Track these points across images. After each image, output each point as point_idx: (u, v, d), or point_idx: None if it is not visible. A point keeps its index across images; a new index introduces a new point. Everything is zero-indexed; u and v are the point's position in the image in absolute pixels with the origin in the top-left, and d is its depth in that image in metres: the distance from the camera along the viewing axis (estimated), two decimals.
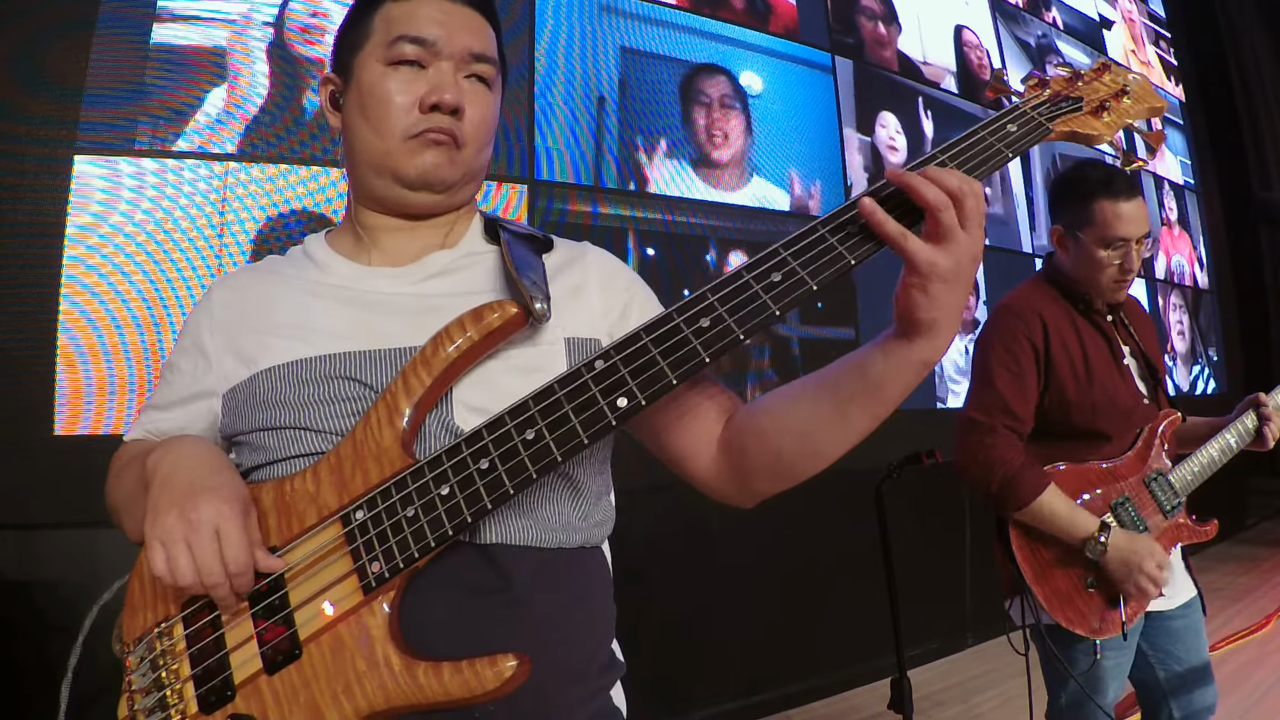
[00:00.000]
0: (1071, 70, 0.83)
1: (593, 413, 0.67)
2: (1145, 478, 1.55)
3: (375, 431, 0.71)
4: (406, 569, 0.67)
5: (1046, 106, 0.79)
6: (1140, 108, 0.83)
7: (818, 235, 0.68)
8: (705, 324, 0.67)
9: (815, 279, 0.67)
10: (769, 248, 0.70)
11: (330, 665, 0.65)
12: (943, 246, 0.64)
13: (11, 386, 1.97)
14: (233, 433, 0.79)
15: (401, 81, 0.79)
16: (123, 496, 0.79)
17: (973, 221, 0.64)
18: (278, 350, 0.77)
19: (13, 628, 1.90)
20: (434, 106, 0.78)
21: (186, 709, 0.66)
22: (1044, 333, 1.55)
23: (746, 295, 0.68)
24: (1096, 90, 0.82)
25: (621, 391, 0.67)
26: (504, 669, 0.63)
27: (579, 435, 0.66)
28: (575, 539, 0.76)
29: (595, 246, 0.91)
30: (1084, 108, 0.80)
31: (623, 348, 0.69)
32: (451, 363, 0.72)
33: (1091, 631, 1.48)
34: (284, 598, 0.67)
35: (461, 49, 0.80)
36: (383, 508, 0.68)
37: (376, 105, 0.80)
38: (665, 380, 0.67)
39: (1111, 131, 0.81)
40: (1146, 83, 0.85)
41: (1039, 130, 0.76)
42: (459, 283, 0.82)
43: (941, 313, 0.65)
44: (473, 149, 0.82)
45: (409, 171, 0.80)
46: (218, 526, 0.66)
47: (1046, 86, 0.81)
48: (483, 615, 0.70)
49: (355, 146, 0.84)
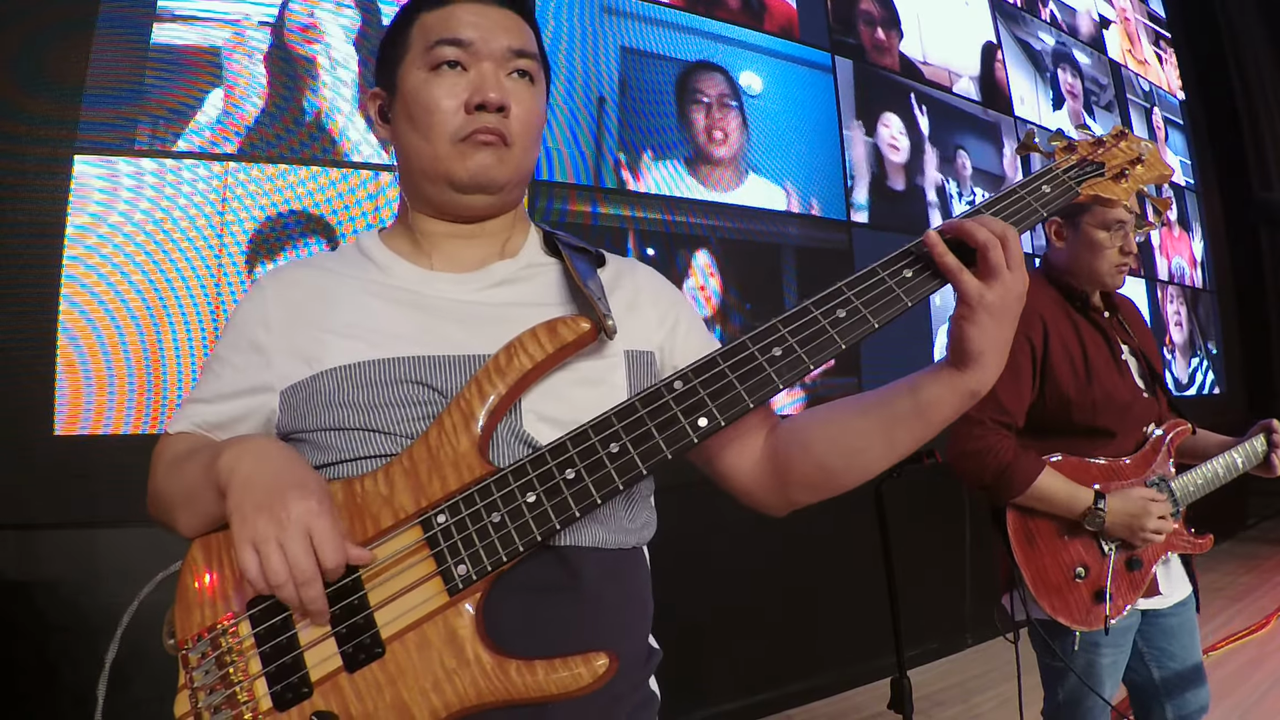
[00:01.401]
0: (1094, 136, 0.94)
1: (675, 430, 0.72)
2: (1147, 481, 1.56)
3: (451, 437, 0.73)
4: (494, 572, 0.69)
5: (1075, 170, 0.89)
6: (1151, 174, 0.94)
7: (877, 277, 0.76)
8: (778, 353, 0.74)
9: (876, 318, 0.74)
10: (832, 286, 0.76)
11: (417, 663, 0.67)
12: (990, 282, 0.71)
13: (11, 386, 1.97)
14: (293, 430, 0.79)
15: (445, 85, 0.80)
16: (180, 491, 0.78)
17: (1016, 261, 0.72)
18: (341, 350, 0.78)
19: (13, 628, 1.90)
20: (479, 106, 0.79)
21: (258, 705, 0.67)
22: (1043, 332, 1.56)
23: (815, 329, 0.74)
24: (1115, 156, 0.92)
25: (702, 412, 0.72)
26: (597, 666, 0.67)
27: (663, 450, 0.72)
28: (630, 540, 0.80)
29: (640, 262, 0.96)
30: (1105, 174, 0.90)
31: (701, 371, 0.74)
32: (525, 373, 0.74)
33: (1076, 623, 1.49)
34: (363, 598, 0.69)
35: (501, 48, 0.82)
36: (466, 513, 0.70)
37: (422, 111, 0.81)
38: (743, 404, 0.73)
39: (1128, 196, 0.91)
40: (1156, 151, 0.96)
41: (1070, 193, 0.86)
42: (524, 293, 0.84)
43: (989, 345, 0.72)
44: (521, 146, 0.83)
45: (460, 174, 0.81)
46: (309, 525, 0.66)
47: (1074, 151, 0.91)
48: (554, 614, 0.73)
49: (407, 155, 0.85)
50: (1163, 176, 0.95)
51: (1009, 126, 4.44)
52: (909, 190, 3.86)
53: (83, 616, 1.86)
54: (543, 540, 0.70)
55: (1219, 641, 3.49)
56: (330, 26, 2.41)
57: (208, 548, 0.74)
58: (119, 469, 1.99)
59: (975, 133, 4.25)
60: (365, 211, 2.39)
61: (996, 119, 4.38)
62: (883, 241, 3.62)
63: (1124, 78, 5.58)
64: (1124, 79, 5.57)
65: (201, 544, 0.75)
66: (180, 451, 0.82)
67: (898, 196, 3.80)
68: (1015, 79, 4.57)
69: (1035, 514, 1.53)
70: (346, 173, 2.37)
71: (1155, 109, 5.85)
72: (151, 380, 2.08)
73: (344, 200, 2.36)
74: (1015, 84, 4.57)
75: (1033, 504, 1.50)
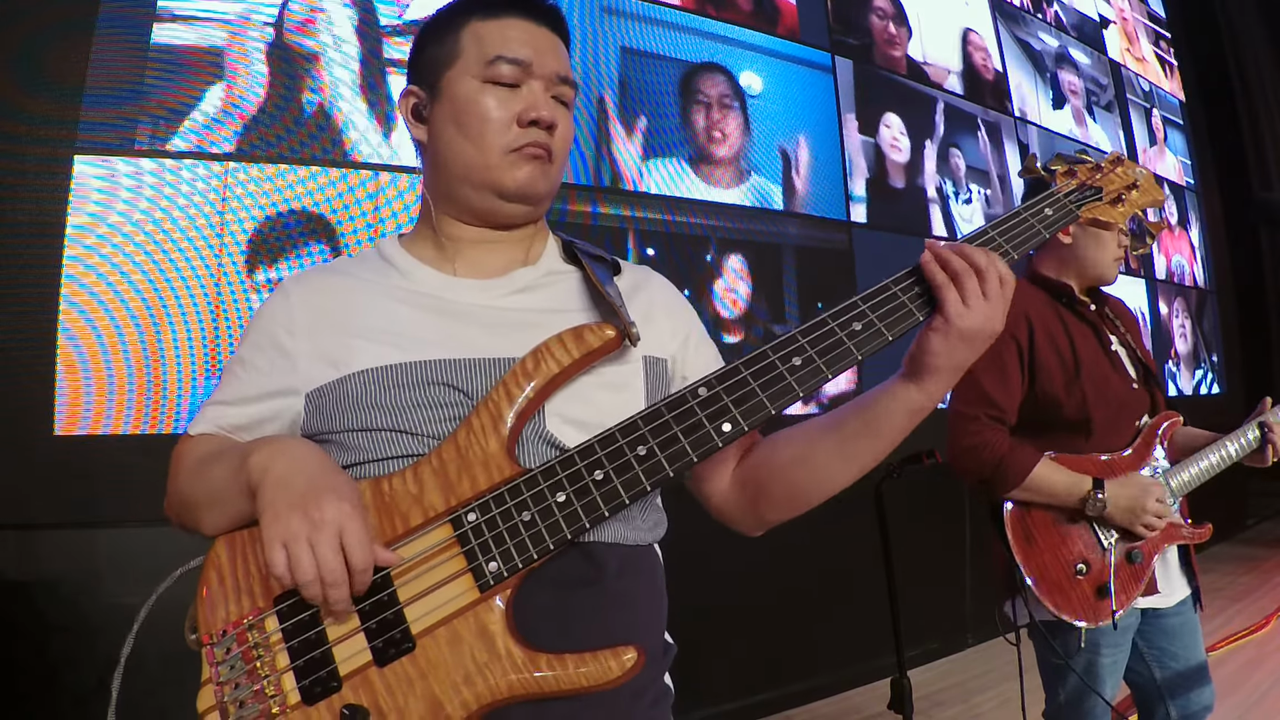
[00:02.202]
0: (1092, 161, 0.98)
1: (700, 435, 0.74)
2: (1143, 471, 1.57)
3: (480, 438, 0.75)
4: (525, 569, 0.71)
5: (1075, 194, 0.93)
6: (1145, 199, 0.98)
7: (890, 292, 0.79)
8: (797, 362, 0.76)
9: (891, 331, 0.77)
10: (849, 300, 0.79)
11: (448, 657, 0.68)
12: (969, 306, 0.74)
13: (11, 386, 1.97)
14: (318, 432, 0.81)
15: (499, 98, 0.83)
16: (206, 492, 0.79)
17: (993, 293, 0.75)
18: (368, 354, 0.79)
19: (13, 628, 1.90)
20: (533, 122, 0.83)
21: (286, 699, 0.68)
22: (1028, 330, 1.58)
23: (833, 340, 0.77)
24: (1112, 181, 0.96)
25: (726, 418, 0.75)
26: (626, 660, 0.69)
27: (689, 454, 0.74)
28: (647, 537, 0.83)
29: (655, 272, 0.98)
30: (1104, 198, 0.95)
31: (724, 379, 0.77)
32: (552, 377, 0.77)
33: (1081, 619, 1.49)
34: (393, 595, 0.70)
35: (551, 71, 0.86)
36: (497, 511, 0.72)
37: (476, 120, 0.83)
38: (765, 410, 0.75)
39: (1123, 219, 0.96)
40: (1151, 177, 1.01)
41: (1070, 216, 0.91)
42: (546, 299, 0.87)
43: (947, 363, 0.76)
44: (559, 164, 0.88)
45: (509, 184, 0.84)
46: (341, 526, 0.67)
47: (1074, 175, 0.95)
48: (581, 608, 0.75)
49: (447, 159, 0.86)
50: (1156, 201, 1.00)
51: (1009, 127, 4.45)
52: (909, 190, 3.86)
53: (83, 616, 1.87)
54: (573, 538, 0.72)
55: (1219, 641, 3.49)
56: (330, 25, 2.41)
57: (232, 545, 0.75)
58: (119, 469, 2.00)
59: (973, 132, 4.25)
60: (365, 211, 2.39)
61: (997, 119, 4.39)
62: (883, 241, 3.62)
63: (1124, 78, 5.58)
64: (1124, 79, 5.58)
65: (226, 540, 0.75)
66: (204, 453, 0.83)
67: (898, 196, 3.80)
68: (1015, 79, 4.57)
69: (1033, 511, 1.54)
70: (346, 172, 2.37)
71: (1155, 109, 5.85)
72: (151, 380, 2.08)
73: (344, 200, 2.36)
74: (1015, 84, 4.57)
75: (1032, 495, 1.52)
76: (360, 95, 2.42)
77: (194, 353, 2.13)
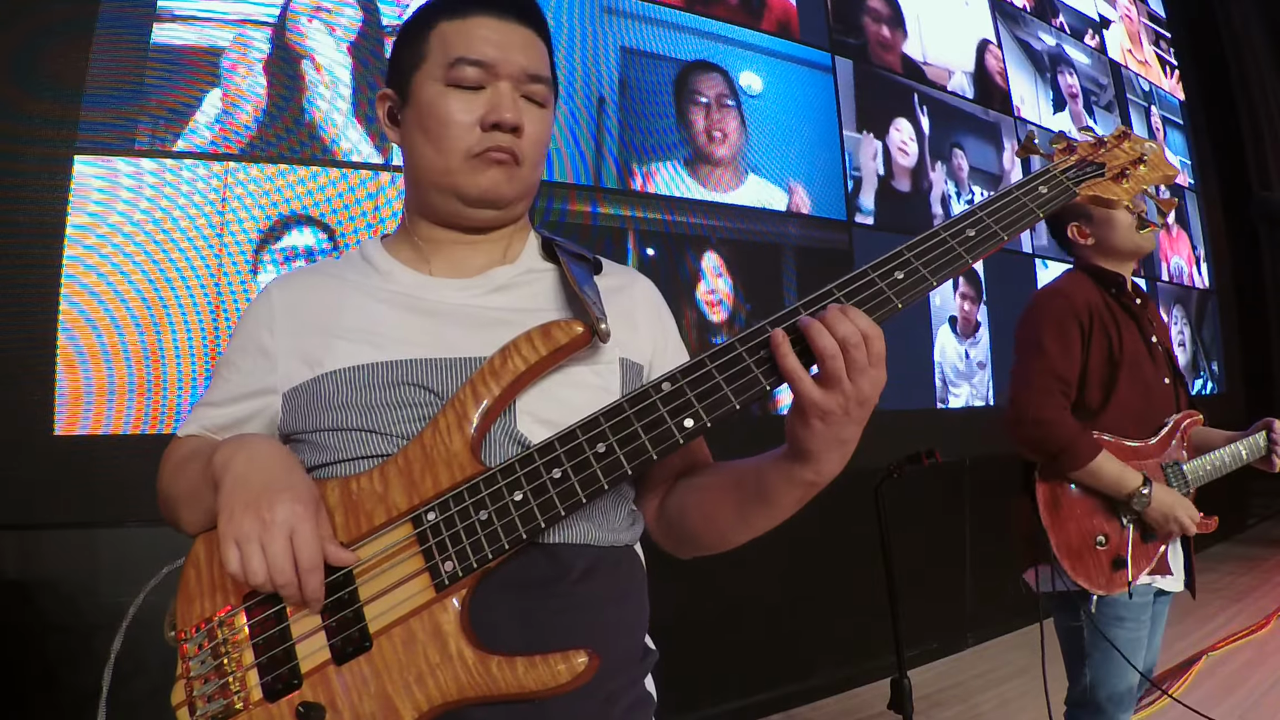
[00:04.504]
0: (1095, 137, 0.92)
1: (661, 431, 0.72)
2: (1163, 464, 1.68)
3: (445, 437, 0.74)
4: (480, 569, 0.70)
5: (1074, 171, 0.87)
6: (1155, 175, 0.92)
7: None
8: (764, 354, 0.72)
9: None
10: (821, 288, 0.76)
11: (402, 657, 0.68)
12: (829, 390, 0.68)
13: (11, 386, 1.97)
14: (293, 431, 0.81)
15: (461, 100, 0.81)
16: (183, 491, 0.80)
17: (859, 371, 0.67)
18: (345, 353, 0.79)
19: (13, 628, 1.90)
20: (495, 125, 0.81)
21: (249, 696, 0.68)
22: (1090, 315, 1.69)
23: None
24: (1117, 157, 0.90)
25: (689, 413, 0.72)
26: (576, 664, 0.67)
27: (648, 451, 0.72)
28: (623, 538, 0.82)
29: (641, 274, 0.97)
30: (1106, 174, 0.88)
31: (689, 372, 0.74)
32: (519, 375, 0.76)
33: (1096, 587, 1.61)
34: (353, 593, 0.70)
35: (518, 70, 0.82)
36: (455, 510, 0.72)
37: (437, 124, 0.82)
38: (729, 404, 0.72)
39: (1129, 196, 0.89)
40: (1161, 151, 0.94)
41: (1067, 193, 0.85)
42: (523, 298, 0.86)
43: (820, 446, 0.70)
44: (530, 165, 0.85)
45: (470, 190, 0.82)
46: (292, 527, 0.68)
47: (1073, 151, 0.89)
48: (544, 610, 0.74)
49: (416, 163, 0.86)
50: (1167, 177, 0.93)
51: (1009, 126, 4.45)
52: (911, 191, 3.86)
53: (83, 616, 1.87)
54: (528, 538, 0.71)
55: (1219, 641, 3.49)
56: (330, 26, 2.41)
57: (209, 543, 0.75)
58: (119, 469, 2.00)
59: (974, 132, 4.25)
60: (365, 211, 2.39)
61: (997, 119, 4.39)
62: (883, 242, 3.62)
63: (1124, 78, 5.58)
64: (1124, 79, 5.57)
65: (204, 539, 0.76)
66: (186, 452, 0.85)
67: (898, 197, 3.80)
68: (1015, 79, 4.57)
69: (1064, 484, 1.65)
70: (346, 173, 2.37)
71: (1155, 109, 5.85)
72: (151, 380, 2.08)
73: (343, 200, 2.36)
74: (1015, 84, 4.57)
75: (1082, 478, 1.62)
76: (361, 95, 2.42)
77: (194, 353, 2.13)
